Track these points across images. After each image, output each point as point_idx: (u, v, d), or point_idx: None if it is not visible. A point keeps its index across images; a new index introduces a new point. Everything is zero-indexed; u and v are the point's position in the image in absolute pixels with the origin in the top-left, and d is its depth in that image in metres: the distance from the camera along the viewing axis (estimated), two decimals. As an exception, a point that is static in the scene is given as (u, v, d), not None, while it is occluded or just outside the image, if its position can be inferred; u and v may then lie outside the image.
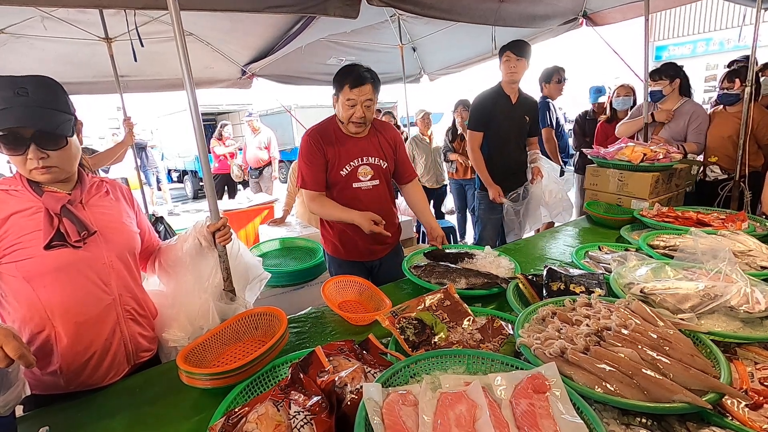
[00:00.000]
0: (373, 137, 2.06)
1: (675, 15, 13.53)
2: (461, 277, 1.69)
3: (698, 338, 1.10)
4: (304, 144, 2.02)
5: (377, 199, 2.08)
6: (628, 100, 3.91)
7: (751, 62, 2.79)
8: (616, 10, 3.89)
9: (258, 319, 1.42)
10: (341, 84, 1.88)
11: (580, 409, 0.85)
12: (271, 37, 3.94)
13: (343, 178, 2.01)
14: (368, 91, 1.86)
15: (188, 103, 1.50)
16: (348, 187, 2.03)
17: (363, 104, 1.88)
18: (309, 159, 1.99)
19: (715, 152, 3.11)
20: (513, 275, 1.71)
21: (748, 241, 1.74)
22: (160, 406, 1.16)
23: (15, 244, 1.15)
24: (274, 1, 2.35)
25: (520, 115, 3.01)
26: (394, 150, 2.13)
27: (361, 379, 0.96)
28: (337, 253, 2.19)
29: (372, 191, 2.06)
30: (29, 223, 1.16)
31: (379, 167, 2.06)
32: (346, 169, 2.00)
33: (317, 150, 1.97)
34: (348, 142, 2.00)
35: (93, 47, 3.45)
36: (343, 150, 1.98)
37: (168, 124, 12.13)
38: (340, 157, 1.98)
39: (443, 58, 5.21)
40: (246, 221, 5.65)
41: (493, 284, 1.64)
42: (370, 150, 2.04)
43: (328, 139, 1.98)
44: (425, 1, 2.92)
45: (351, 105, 1.88)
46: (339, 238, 2.14)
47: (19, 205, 1.17)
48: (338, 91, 1.90)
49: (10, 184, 1.20)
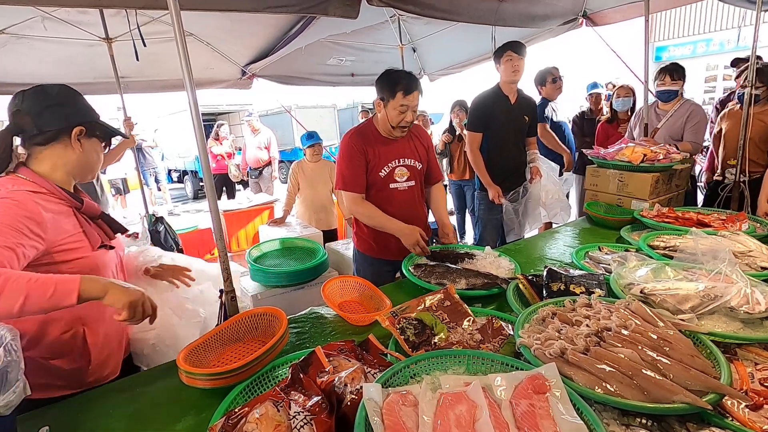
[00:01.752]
0: (409, 140, 2.12)
1: (675, 15, 13.53)
2: (461, 277, 1.69)
3: (698, 339, 1.10)
4: (345, 146, 2.05)
5: (411, 199, 2.14)
6: (627, 101, 3.92)
7: (751, 63, 2.79)
8: (616, 11, 3.89)
9: (258, 319, 1.42)
10: (393, 90, 1.90)
11: (580, 409, 0.85)
12: (271, 37, 3.94)
13: (382, 179, 2.06)
14: (418, 97, 1.94)
15: (188, 104, 1.50)
16: (385, 188, 2.08)
17: (412, 110, 1.94)
18: (351, 161, 2.02)
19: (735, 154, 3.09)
20: (513, 276, 1.71)
21: (749, 241, 1.74)
22: (160, 406, 1.16)
23: (62, 244, 1.17)
24: (274, 1, 2.35)
25: (520, 116, 3.02)
26: (426, 152, 2.20)
27: (361, 380, 0.96)
28: (369, 251, 2.23)
29: (407, 192, 2.12)
30: (68, 225, 1.20)
31: (414, 168, 2.12)
32: (384, 170, 2.06)
33: (359, 152, 2.01)
34: (387, 144, 2.06)
35: (93, 48, 3.45)
36: (382, 152, 2.04)
37: (168, 125, 12.13)
38: (380, 158, 2.04)
39: (443, 59, 5.22)
40: (246, 221, 5.66)
41: (493, 284, 1.63)
42: (407, 152, 2.10)
43: (369, 141, 2.03)
44: (425, 1, 2.92)
45: (403, 111, 1.93)
46: (373, 237, 2.18)
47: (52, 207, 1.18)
48: (389, 96, 1.92)
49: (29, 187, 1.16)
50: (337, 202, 4.22)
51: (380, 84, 1.96)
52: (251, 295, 2.66)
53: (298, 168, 4.02)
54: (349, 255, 3.11)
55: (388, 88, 1.92)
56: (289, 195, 4.06)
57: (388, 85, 1.92)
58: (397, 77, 1.91)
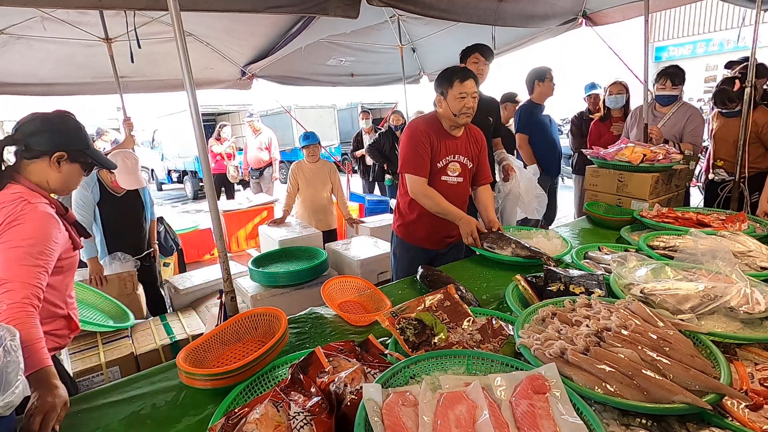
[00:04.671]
0: (465, 138, 2.22)
1: (675, 16, 13.55)
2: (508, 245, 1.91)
3: (698, 339, 1.10)
4: (411, 132, 2.14)
5: (458, 194, 2.23)
6: (620, 98, 3.88)
7: (751, 63, 2.79)
8: (615, 10, 3.89)
9: (258, 319, 1.42)
10: (450, 80, 2.04)
11: (580, 409, 0.85)
12: (270, 37, 3.94)
13: (437, 169, 2.16)
14: (474, 84, 2.05)
15: (188, 104, 1.51)
16: (437, 179, 2.17)
17: (471, 95, 2.04)
18: (417, 146, 2.10)
19: (721, 155, 3.15)
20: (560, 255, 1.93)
21: (748, 241, 1.74)
22: (160, 406, 1.16)
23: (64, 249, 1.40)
24: (274, 2, 2.36)
25: (483, 118, 2.97)
26: (479, 153, 2.28)
27: (360, 380, 0.96)
28: (409, 238, 2.33)
29: (456, 186, 2.21)
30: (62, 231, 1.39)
31: (465, 166, 2.22)
32: (442, 162, 2.15)
33: (425, 139, 2.10)
34: (447, 138, 2.15)
35: (93, 48, 3.45)
36: (442, 144, 2.14)
37: (168, 125, 12.12)
38: (440, 150, 2.14)
39: (443, 59, 5.21)
40: (246, 221, 5.66)
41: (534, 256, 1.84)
42: (462, 149, 2.20)
43: (434, 131, 2.13)
44: (425, 1, 2.92)
45: (462, 97, 2.03)
46: (416, 224, 2.27)
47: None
48: (447, 88, 2.05)
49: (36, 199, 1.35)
50: (336, 203, 4.21)
51: (438, 81, 2.10)
52: (251, 296, 2.66)
53: (298, 168, 4.02)
54: (349, 255, 3.12)
55: (446, 81, 2.05)
56: (288, 195, 4.06)
57: (446, 78, 2.06)
58: (452, 70, 2.08)
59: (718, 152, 3.17)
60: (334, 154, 12.98)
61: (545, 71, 3.79)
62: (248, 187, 7.28)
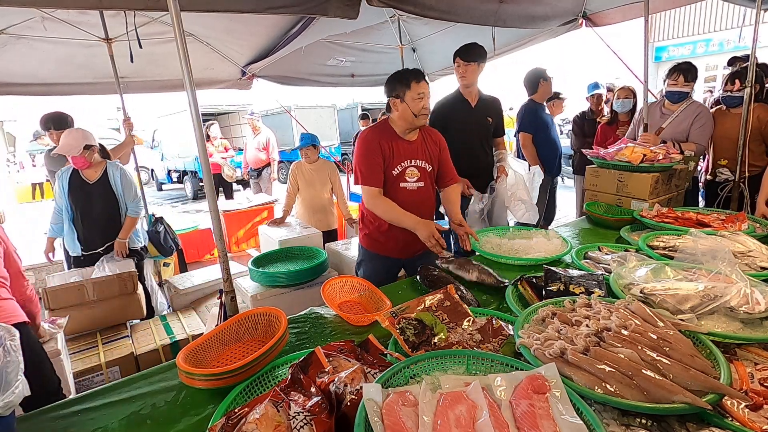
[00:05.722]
0: (422, 141, 2.18)
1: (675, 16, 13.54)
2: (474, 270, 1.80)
3: (698, 339, 1.10)
4: (363, 142, 2.10)
5: (419, 200, 2.17)
6: (628, 102, 3.91)
7: (751, 62, 2.79)
8: (615, 11, 3.88)
9: (258, 319, 1.42)
10: (407, 82, 2.01)
11: (580, 409, 0.85)
12: (271, 37, 3.94)
13: (394, 177, 2.11)
14: (427, 86, 2.05)
15: (188, 104, 1.51)
16: (395, 186, 2.12)
17: (427, 96, 2.04)
18: (368, 156, 2.07)
19: (724, 154, 3.10)
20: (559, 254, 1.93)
21: (748, 241, 1.74)
22: (159, 406, 1.16)
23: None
24: (274, 2, 2.35)
25: (482, 118, 2.97)
26: (439, 153, 2.23)
27: (360, 380, 0.96)
28: (375, 248, 2.27)
29: (417, 192, 2.16)
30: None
31: (424, 170, 2.16)
32: (397, 169, 2.11)
33: (376, 147, 2.06)
34: (401, 143, 2.11)
35: (93, 48, 3.45)
36: (396, 151, 2.10)
37: (168, 125, 12.12)
38: (394, 157, 2.09)
39: (443, 59, 5.20)
40: (246, 221, 5.66)
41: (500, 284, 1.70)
42: (419, 153, 2.15)
43: (386, 138, 2.09)
44: (425, 2, 2.91)
45: (420, 97, 2.02)
46: (381, 234, 2.21)
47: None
48: (404, 90, 2.01)
49: None
50: (336, 203, 4.21)
51: (391, 84, 2.06)
52: (251, 296, 2.65)
53: (297, 169, 4.02)
54: (349, 255, 3.11)
55: (402, 83, 2.02)
56: (288, 195, 4.06)
57: (401, 80, 2.03)
58: (406, 72, 2.05)
59: (721, 152, 3.13)
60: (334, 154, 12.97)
61: (544, 71, 3.81)
62: (248, 187, 7.28)
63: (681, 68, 2.97)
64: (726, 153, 3.10)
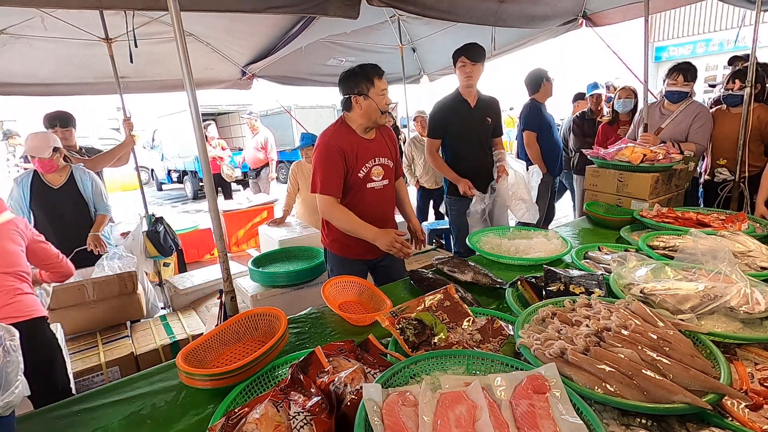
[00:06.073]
0: (380, 137, 2.14)
1: (675, 16, 13.55)
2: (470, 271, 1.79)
3: (698, 339, 1.10)
4: (323, 149, 1.99)
5: (384, 198, 2.16)
6: (629, 102, 3.90)
7: (751, 62, 2.79)
8: (615, 11, 3.89)
9: (258, 319, 1.42)
10: (371, 79, 1.94)
11: (580, 409, 0.85)
12: (271, 37, 3.94)
13: (360, 179, 2.06)
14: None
15: (188, 104, 1.51)
16: (363, 189, 2.08)
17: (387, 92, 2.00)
18: (329, 164, 1.98)
19: (724, 154, 3.10)
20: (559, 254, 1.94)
21: (748, 241, 1.74)
22: (159, 406, 1.16)
23: None
24: (274, 2, 2.36)
25: (481, 118, 2.96)
26: (395, 148, 2.21)
27: (360, 380, 0.96)
28: (340, 251, 2.21)
29: (382, 191, 2.13)
30: None
31: (388, 167, 2.14)
32: (363, 170, 2.05)
33: (338, 155, 1.97)
34: (362, 144, 2.04)
35: (93, 48, 3.45)
36: (360, 152, 2.03)
37: (168, 125, 12.12)
38: (358, 159, 2.02)
39: (443, 59, 5.21)
40: (246, 221, 5.66)
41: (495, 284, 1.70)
42: (382, 151, 2.11)
43: (347, 142, 2.00)
44: (425, 2, 2.92)
45: (383, 93, 1.98)
46: (343, 236, 2.13)
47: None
48: (368, 86, 1.94)
49: None
50: None
51: (351, 81, 1.96)
52: (251, 296, 2.65)
53: (297, 169, 4.02)
54: (349, 255, 3.11)
55: (365, 79, 1.95)
56: (288, 195, 4.06)
57: (364, 77, 1.95)
58: (367, 67, 1.97)
59: (720, 152, 3.13)
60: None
61: (546, 72, 3.81)
62: (248, 187, 7.29)
63: (680, 68, 2.97)
64: (725, 153, 3.10)
